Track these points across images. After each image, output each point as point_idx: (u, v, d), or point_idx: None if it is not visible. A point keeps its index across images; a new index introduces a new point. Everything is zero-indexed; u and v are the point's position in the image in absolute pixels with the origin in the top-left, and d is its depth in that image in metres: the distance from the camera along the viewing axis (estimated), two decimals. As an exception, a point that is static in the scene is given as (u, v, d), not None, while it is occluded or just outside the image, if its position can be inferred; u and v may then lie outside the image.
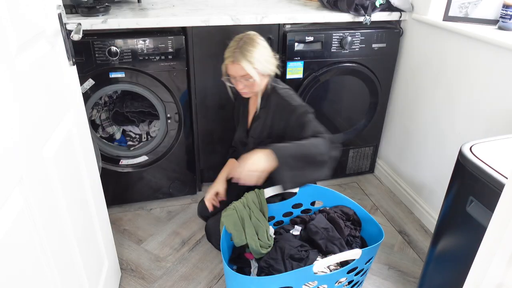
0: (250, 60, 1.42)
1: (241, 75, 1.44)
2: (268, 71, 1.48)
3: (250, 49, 1.42)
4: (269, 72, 1.49)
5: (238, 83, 1.48)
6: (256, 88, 1.49)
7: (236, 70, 1.44)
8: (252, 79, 1.44)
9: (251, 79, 1.45)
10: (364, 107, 2.17)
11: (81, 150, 1.19)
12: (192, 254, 1.77)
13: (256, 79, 1.44)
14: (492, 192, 1.02)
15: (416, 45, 1.97)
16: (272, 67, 1.50)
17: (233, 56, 1.42)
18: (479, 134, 1.61)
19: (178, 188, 2.06)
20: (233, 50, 1.43)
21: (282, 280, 1.23)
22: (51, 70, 1.00)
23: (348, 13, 1.90)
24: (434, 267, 1.33)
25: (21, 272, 0.76)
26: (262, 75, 1.47)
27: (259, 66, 1.44)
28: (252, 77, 1.43)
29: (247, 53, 1.42)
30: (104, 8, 1.67)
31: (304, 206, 1.61)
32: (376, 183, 2.33)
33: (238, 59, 1.41)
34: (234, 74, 1.46)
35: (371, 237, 1.51)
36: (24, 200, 0.78)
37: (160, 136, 1.89)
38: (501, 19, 1.61)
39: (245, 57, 1.41)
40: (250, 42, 1.44)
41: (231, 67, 1.45)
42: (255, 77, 1.44)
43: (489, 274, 0.66)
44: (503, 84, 1.50)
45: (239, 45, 1.43)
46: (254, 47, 1.44)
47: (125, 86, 1.74)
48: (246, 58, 1.41)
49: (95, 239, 1.30)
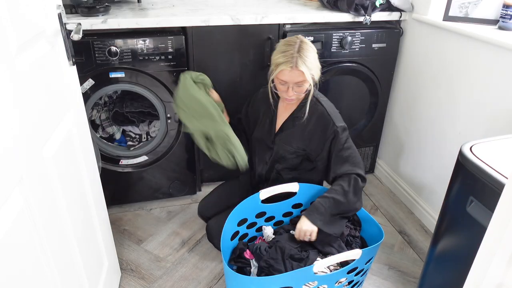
0: (308, 66, 1.38)
1: (296, 82, 1.39)
2: (317, 78, 1.45)
3: (307, 54, 1.38)
4: (317, 79, 1.45)
5: (289, 89, 1.41)
6: (303, 95, 1.46)
7: (293, 76, 1.38)
8: (306, 85, 1.41)
9: (304, 85, 1.41)
10: (364, 107, 2.17)
11: (81, 150, 1.19)
12: (192, 254, 1.77)
13: (308, 85, 1.42)
14: (492, 192, 1.02)
15: (416, 45, 1.97)
16: (319, 74, 1.46)
17: (292, 62, 1.36)
18: (479, 134, 1.61)
19: (178, 188, 2.06)
20: (291, 55, 1.36)
21: (282, 280, 1.23)
22: (51, 70, 1.00)
23: (348, 13, 1.90)
24: (434, 267, 1.33)
25: (21, 272, 0.76)
26: (313, 81, 1.43)
27: (314, 73, 1.41)
28: (308, 82, 1.40)
29: (306, 58, 1.37)
30: (104, 8, 1.67)
31: (304, 206, 1.61)
32: (376, 183, 2.33)
33: (298, 65, 1.36)
34: (289, 80, 1.39)
35: (371, 237, 1.51)
36: (24, 200, 0.78)
37: (160, 136, 1.89)
38: (501, 19, 1.61)
39: (305, 63, 1.37)
40: (306, 46, 1.40)
41: (288, 72, 1.37)
42: (309, 84, 1.41)
43: (489, 274, 0.66)
44: (503, 84, 1.50)
45: (296, 49, 1.37)
46: (310, 52, 1.40)
47: (125, 86, 1.74)
48: (306, 63, 1.37)
49: (95, 239, 1.30)
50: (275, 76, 1.42)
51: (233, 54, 1.84)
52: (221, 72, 1.87)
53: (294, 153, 1.56)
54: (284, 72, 1.38)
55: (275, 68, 1.41)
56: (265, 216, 1.57)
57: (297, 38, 1.43)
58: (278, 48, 1.44)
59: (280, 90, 1.45)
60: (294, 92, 1.42)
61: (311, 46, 1.43)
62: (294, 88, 1.41)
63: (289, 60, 1.36)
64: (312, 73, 1.41)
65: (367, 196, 2.20)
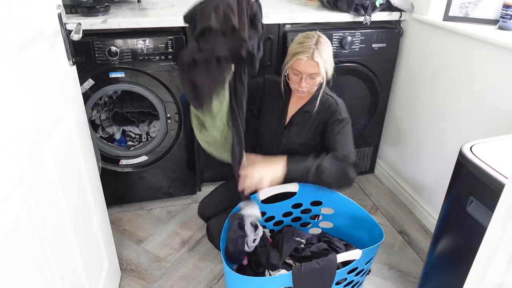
0: (324, 59, 1.42)
1: (311, 73, 1.42)
2: (330, 73, 1.48)
3: (324, 48, 1.42)
4: (330, 75, 1.48)
5: (303, 80, 1.44)
6: (314, 88, 1.49)
7: (308, 67, 1.41)
8: (319, 78, 1.44)
9: (317, 78, 1.44)
10: (364, 107, 2.17)
11: (81, 150, 1.19)
12: (192, 254, 1.77)
13: (321, 79, 1.45)
14: (492, 192, 1.02)
15: (416, 45, 1.97)
16: (332, 70, 1.50)
17: (308, 52, 1.40)
18: (479, 134, 1.61)
19: (178, 188, 2.06)
20: (309, 46, 1.40)
21: (282, 280, 1.23)
22: (51, 70, 1.00)
23: (348, 13, 1.90)
24: (434, 267, 1.33)
25: (21, 272, 0.76)
26: (326, 75, 1.47)
27: (328, 67, 1.45)
28: (321, 75, 1.43)
29: (322, 52, 1.41)
30: (104, 8, 1.67)
31: (304, 206, 1.61)
32: (376, 183, 2.33)
33: (315, 56, 1.39)
34: (304, 70, 1.42)
35: (371, 237, 1.51)
36: (24, 200, 0.78)
37: (160, 136, 1.89)
38: (501, 19, 1.61)
39: (321, 55, 1.41)
40: (323, 40, 1.44)
41: (303, 63, 1.41)
42: (324, 76, 1.44)
43: (489, 274, 0.66)
44: (503, 84, 1.50)
45: (314, 41, 1.41)
46: (327, 46, 1.44)
47: (125, 86, 1.74)
48: (322, 56, 1.41)
49: (95, 239, 1.30)
50: (290, 66, 1.45)
51: (233, 54, 1.84)
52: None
53: (304, 145, 1.59)
54: (300, 62, 1.41)
55: (291, 58, 1.44)
56: (265, 216, 1.57)
57: (316, 33, 1.47)
58: (296, 40, 1.48)
59: (292, 81, 1.48)
60: (306, 84, 1.45)
61: (328, 42, 1.47)
62: (307, 79, 1.44)
63: (306, 51, 1.40)
64: (326, 67, 1.44)
65: (367, 196, 2.20)
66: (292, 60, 1.43)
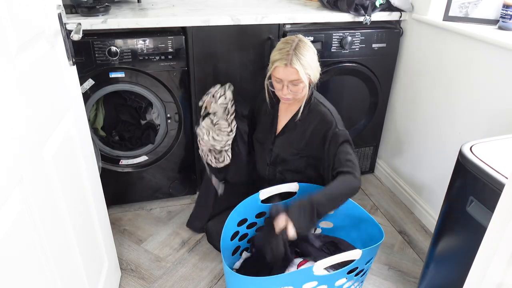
0: (304, 65, 1.37)
1: (291, 80, 1.38)
2: (314, 78, 1.44)
3: (304, 53, 1.37)
4: (315, 80, 1.44)
5: (285, 88, 1.40)
6: (299, 95, 1.44)
7: (288, 73, 1.37)
8: (301, 85, 1.40)
9: (300, 85, 1.40)
10: (364, 107, 2.17)
11: (81, 150, 1.19)
12: (192, 254, 1.77)
13: (304, 85, 1.40)
14: (492, 192, 1.02)
15: (416, 45, 1.97)
16: (318, 75, 1.45)
17: (286, 59, 1.36)
18: (479, 134, 1.61)
19: (178, 188, 2.06)
20: (287, 52, 1.36)
21: (282, 280, 1.23)
22: (51, 70, 1.00)
23: (348, 13, 1.90)
24: (434, 267, 1.33)
25: (21, 272, 0.76)
26: (309, 81, 1.42)
27: (310, 72, 1.40)
28: (303, 82, 1.39)
29: (302, 56, 1.36)
30: (104, 8, 1.67)
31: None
32: (376, 183, 2.33)
33: (293, 62, 1.35)
34: (283, 77, 1.39)
35: (371, 237, 1.51)
36: (24, 200, 0.78)
37: (160, 136, 1.89)
38: (501, 19, 1.61)
39: (300, 61, 1.36)
40: (303, 45, 1.39)
41: (282, 70, 1.37)
42: (305, 83, 1.40)
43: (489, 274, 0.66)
44: (503, 84, 1.50)
45: (292, 47, 1.37)
46: (308, 51, 1.39)
47: (125, 86, 1.74)
48: (301, 62, 1.36)
49: (95, 239, 1.30)
50: (271, 73, 1.42)
51: (233, 54, 1.84)
52: (221, 72, 1.87)
53: (296, 155, 1.55)
54: (279, 69, 1.38)
55: (271, 66, 1.42)
56: (265, 216, 1.57)
57: (296, 37, 1.42)
58: (276, 46, 1.44)
59: (276, 89, 1.45)
60: (290, 91, 1.42)
61: (310, 46, 1.42)
62: (289, 86, 1.41)
63: (284, 57, 1.36)
64: (308, 72, 1.39)
65: (367, 196, 2.20)
66: (272, 67, 1.40)
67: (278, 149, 1.57)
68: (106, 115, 1.94)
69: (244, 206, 1.48)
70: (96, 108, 1.91)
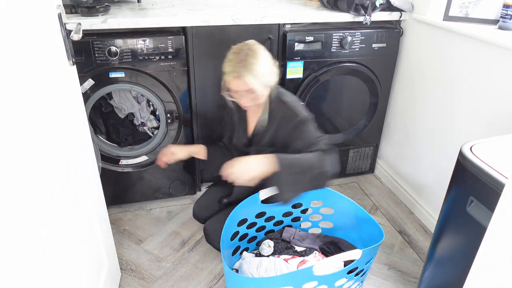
0: (254, 74, 1.33)
1: (245, 90, 1.36)
2: (271, 83, 1.41)
3: (253, 61, 1.33)
4: (272, 84, 1.42)
5: (242, 97, 1.39)
6: (259, 100, 1.42)
7: (239, 85, 1.35)
8: (257, 93, 1.37)
9: (255, 93, 1.37)
10: (364, 107, 2.17)
11: (81, 150, 1.19)
12: (192, 254, 1.77)
13: (261, 92, 1.38)
14: (492, 192, 1.02)
15: (416, 45, 1.97)
16: (275, 77, 1.43)
17: (236, 71, 1.33)
18: (479, 134, 1.61)
19: (178, 188, 2.06)
20: (235, 64, 1.33)
21: (282, 280, 1.23)
22: (51, 70, 1.00)
23: (348, 13, 1.90)
24: (434, 267, 1.33)
25: (21, 272, 0.76)
26: (265, 87, 1.40)
27: (263, 79, 1.37)
28: (257, 91, 1.36)
29: (250, 66, 1.32)
30: (104, 8, 1.67)
31: (304, 206, 1.61)
32: (376, 183, 2.33)
33: (242, 74, 1.32)
34: (237, 89, 1.37)
35: (371, 237, 1.51)
36: (24, 200, 0.78)
37: (160, 136, 1.89)
38: (502, 19, 1.61)
39: (250, 71, 1.32)
40: (252, 54, 1.34)
41: (234, 82, 1.35)
42: (260, 91, 1.37)
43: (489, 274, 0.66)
44: (503, 84, 1.50)
45: (240, 58, 1.33)
46: (257, 59, 1.34)
47: (125, 86, 1.74)
48: (251, 72, 1.32)
49: (95, 239, 1.30)
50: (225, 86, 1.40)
51: (233, 54, 1.84)
52: (221, 72, 1.86)
53: (270, 147, 1.52)
54: (231, 82, 1.36)
55: (224, 78, 1.39)
56: (265, 216, 1.57)
57: (245, 45, 1.37)
58: (227, 56, 1.40)
59: (234, 98, 1.43)
60: (248, 99, 1.40)
61: (260, 52, 1.37)
62: (246, 95, 1.38)
63: (233, 70, 1.33)
64: (261, 80, 1.36)
65: (367, 196, 2.20)
66: (225, 80, 1.38)
67: (252, 150, 1.55)
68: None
69: (244, 206, 1.48)
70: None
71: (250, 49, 1.36)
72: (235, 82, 1.35)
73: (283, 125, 1.47)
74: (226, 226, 1.40)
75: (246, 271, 1.43)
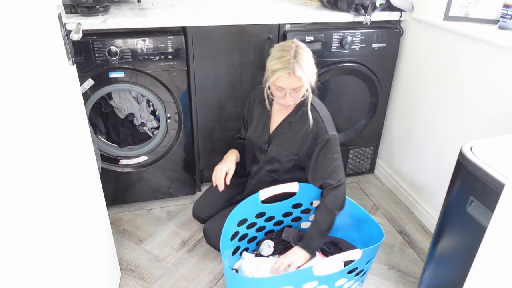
0: (305, 71, 1.35)
1: (295, 87, 1.37)
2: (313, 82, 1.42)
3: (304, 59, 1.35)
4: (313, 83, 1.43)
5: (287, 95, 1.39)
6: (299, 100, 1.43)
7: (291, 82, 1.35)
8: (303, 91, 1.39)
9: (301, 91, 1.39)
10: (364, 107, 2.17)
11: (81, 150, 1.19)
12: (192, 254, 1.77)
13: (304, 90, 1.39)
14: (492, 192, 1.01)
15: (416, 45, 1.97)
16: (316, 77, 1.44)
17: (289, 68, 1.33)
18: (479, 134, 1.61)
19: (178, 188, 2.06)
20: (288, 60, 1.34)
21: (282, 280, 1.23)
22: (51, 70, 1.00)
23: (348, 13, 1.89)
24: (434, 267, 1.33)
25: (21, 272, 0.76)
26: (309, 86, 1.41)
27: (310, 78, 1.39)
28: (305, 88, 1.38)
29: (302, 63, 1.34)
30: (103, 8, 1.67)
31: (304, 206, 1.61)
32: (376, 183, 2.33)
33: (296, 71, 1.33)
34: (286, 86, 1.37)
35: (371, 237, 1.51)
36: (23, 200, 0.78)
37: (160, 136, 1.89)
38: (502, 19, 1.61)
39: (302, 69, 1.34)
40: (302, 51, 1.37)
41: (285, 79, 1.35)
42: (304, 89, 1.38)
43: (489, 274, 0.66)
44: (503, 84, 1.50)
45: (292, 55, 1.35)
46: (306, 56, 1.37)
47: (125, 86, 1.74)
48: (303, 69, 1.34)
49: (94, 239, 1.30)
50: (272, 83, 1.40)
51: (233, 54, 1.84)
52: (221, 72, 1.87)
53: (286, 156, 1.55)
54: (281, 78, 1.36)
55: (271, 75, 1.38)
56: (265, 216, 1.57)
57: (293, 43, 1.40)
58: (273, 53, 1.41)
59: (277, 96, 1.43)
60: (292, 98, 1.41)
61: (307, 50, 1.41)
62: (291, 94, 1.39)
63: (286, 66, 1.34)
64: (309, 78, 1.38)
65: (367, 196, 2.20)
66: (273, 77, 1.37)
67: (272, 149, 1.57)
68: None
69: (244, 206, 1.48)
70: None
71: (299, 47, 1.38)
72: (287, 79, 1.35)
73: (311, 137, 1.48)
74: (226, 226, 1.40)
75: (246, 271, 1.43)
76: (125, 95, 1.96)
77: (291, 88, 1.37)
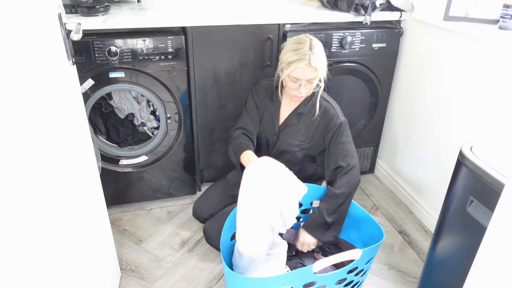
0: (321, 63, 1.43)
1: (308, 79, 1.43)
2: (324, 74, 1.49)
3: (319, 51, 1.43)
4: (325, 75, 1.50)
5: (302, 86, 1.45)
6: (312, 89, 1.50)
7: (307, 73, 1.42)
8: (316, 82, 1.45)
9: (314, 82, 1.45)
10: (364, 107, 2.17)
11: (81, 150, 1.19)
12: (192, 254, 1.77)
13: (321, 81, 1.46)
14: (492, 192, 1.01)
15: (416, 45, 1.97)
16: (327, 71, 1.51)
17: (305, 59, 1.40)
18: (479, 134, 1.61)
19: (178, 188, 2.06)
20: (305, 52, 1.40)
21: (282, 280, 1.23)
22: (51, 70, 1.00)
23: (348, 13, 1.89)
24: (434, 267, 1.33)
25: (21, 272, 0.76)
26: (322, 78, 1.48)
27: (324, 70, 1.46)
28: (320, 80, 1.45)
29: (318, 55, 1.42)
30: (103, 8, 1.67)
31: (304, 206, 1.61)
32: (376, 183, 2.33)
33: (313, 63, 1.40)
34: (302, 77, 1.43)
35: (371, 237, 1.51)
36: (23, 200, 0.78)
37: (160, 136, 1.89)
38: (502, 19, 1.61)
39: (318, 60, 1.41)
40: (317, 44, 1.44)
41: (302, 70, 1.41)
42: (322, 79, 1.46)
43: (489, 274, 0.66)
44: (503, 84, 1.50)
45: (308, 47, 1.42)
46: (321, 49, 1.45)
47: (125, 86, 1.74)
48: (319, 61, 1.42)
49: (94, 239, 1.30)
50: (288, 74, 1.44)
51: (233, 54, 1.84)
52: (221, 72, 1.87)
53: (298, 146, 1.59)
54: (298, 69, 1.41)
55: (287, 66, 1.43)
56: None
57: (306, 37, 1.47)
58: (288, 46, 1.47)
59: (291, 88, 1.48)
60: (306, 89, 1.46)
61: (320, 43, 1.48)
62: (306, 85, 1.45)
63: (302, 58, 1.40)
64: (323, 70, 1.45)
65: (367, 196, 2.20)
66: (290, 68, 1.42)
67: (282, 140, 1.60)
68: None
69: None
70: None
71: (313, 40, 1.46)
72: (304, 70, 1.41)
73: (323, 124, 1.54)
74: (226, 226, 1.40)
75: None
76: (125, 95, 1.96)
77: (306, 79, 1.43)
